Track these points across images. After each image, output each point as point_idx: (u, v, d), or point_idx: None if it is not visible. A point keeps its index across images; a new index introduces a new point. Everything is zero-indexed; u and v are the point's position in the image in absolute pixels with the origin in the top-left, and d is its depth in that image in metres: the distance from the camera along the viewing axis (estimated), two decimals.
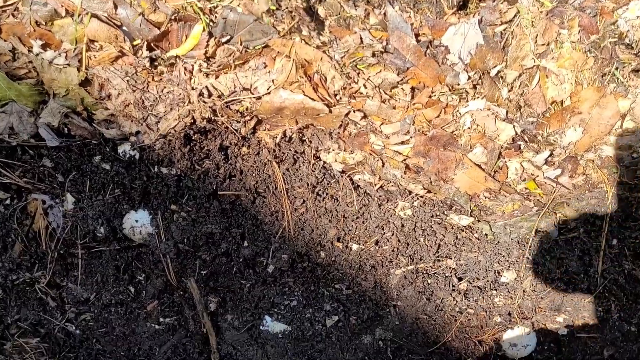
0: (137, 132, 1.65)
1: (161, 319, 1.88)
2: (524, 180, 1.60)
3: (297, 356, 1.91)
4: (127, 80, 1.58)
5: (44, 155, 1.66)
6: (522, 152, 1.58)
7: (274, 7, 1.54)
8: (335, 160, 1.62)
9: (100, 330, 1.91)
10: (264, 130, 1.67)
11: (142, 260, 1.83)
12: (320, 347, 1.90)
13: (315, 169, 1.65)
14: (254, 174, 1.68)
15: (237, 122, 1.63)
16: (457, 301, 1.76)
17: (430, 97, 1.61)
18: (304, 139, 1.63)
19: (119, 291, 1.84)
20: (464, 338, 1.81)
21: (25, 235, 1.76)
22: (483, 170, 1.58)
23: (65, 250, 1.78)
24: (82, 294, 1.83)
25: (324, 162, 1.65)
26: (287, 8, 1.57)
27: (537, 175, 1.58)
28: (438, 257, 1.72)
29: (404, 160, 1.60)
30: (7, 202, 1.72)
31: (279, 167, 1.65)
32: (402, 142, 1.58)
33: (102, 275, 1.82)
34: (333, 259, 1.75)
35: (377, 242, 1.71)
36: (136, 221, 1.72)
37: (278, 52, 1.57)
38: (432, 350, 1.86)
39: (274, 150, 1.64)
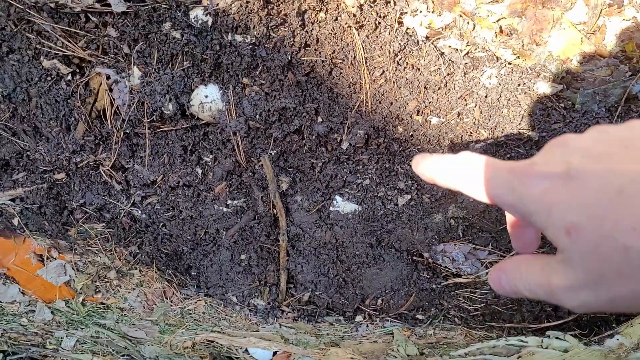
0: None
1: (229, 201, 1.84)
2: (622, 41, 1.51)
3: (366, 237, 1.89)
4: None
5: (108, 24, 1.53)
6: (624, 9, 1.48)
7: None
8: (421, 25, 1.52)
9: (166, 214, 1.87)
10: None
11: (210, 140, 1.76)
12: (390, 227, 1.88)
13: (397, 35, 1.54)
14: (331, 42, 1.57)
15: None
16: None
17: None
18: (389, 0, 1.52)
19: (185, 173, 1.78)
20: None
21: (88, 114, 1.68)
22: (580, 31, 1.49)
23: (131, 130, 1.69)
24: (149, 177, 1.77)
25: (407, 28, 1.55)
26: None
27: (637, 37, 1.49)
28: (520, 129, 1.66)
29: (498, 20, 1.49)
30: (69, 77, 1.62)
31: (358, 33, 1.55)
32: (497, 0, 1.47)
33: (168, 157, 1.76)
34: (411, 133, 1.69)
35: (458, 115, 1.64)
36: (206, 97, 1.63)
37: None
38: (504, 227, 1.85)
39: (354, 15, 1.53)
